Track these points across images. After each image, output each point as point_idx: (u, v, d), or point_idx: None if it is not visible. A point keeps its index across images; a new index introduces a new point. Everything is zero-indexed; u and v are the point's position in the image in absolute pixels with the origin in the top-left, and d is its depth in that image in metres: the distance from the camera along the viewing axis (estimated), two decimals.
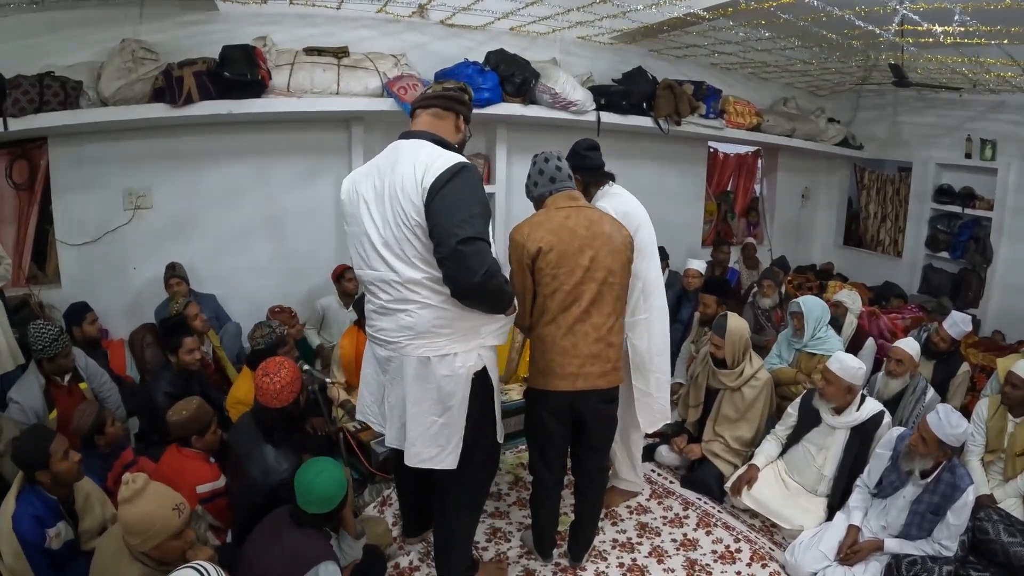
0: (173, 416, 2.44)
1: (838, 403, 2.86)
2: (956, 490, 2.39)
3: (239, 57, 3.53)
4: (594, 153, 2.70)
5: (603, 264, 2.29)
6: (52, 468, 2.02)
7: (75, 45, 3.49)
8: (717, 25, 4.01)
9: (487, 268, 1.85)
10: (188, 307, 3.48)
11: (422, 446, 2.07)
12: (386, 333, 2.08)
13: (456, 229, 1.83)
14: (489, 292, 1.91)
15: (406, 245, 1.95)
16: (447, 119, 2.14)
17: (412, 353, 2.02)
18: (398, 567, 2.64)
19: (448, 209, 1.86)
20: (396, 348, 2.06)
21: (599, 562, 2.70)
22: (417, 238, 1.93)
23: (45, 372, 2.83)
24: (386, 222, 1.97)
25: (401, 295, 2.00)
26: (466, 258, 1.83)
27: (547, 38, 4.67)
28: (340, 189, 2.18)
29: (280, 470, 2.24)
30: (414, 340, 2.02)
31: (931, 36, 3.29)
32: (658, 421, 2.86)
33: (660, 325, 2.78)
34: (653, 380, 2.77)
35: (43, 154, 3.69)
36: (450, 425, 2.07)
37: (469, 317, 2.03)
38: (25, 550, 1.94)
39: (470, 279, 1.84)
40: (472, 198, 1.91)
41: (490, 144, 4.73)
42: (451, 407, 2.05)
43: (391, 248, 1.97)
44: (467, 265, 1.83)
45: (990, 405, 2.97)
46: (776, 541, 2.86)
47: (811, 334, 3.57)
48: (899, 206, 6.27)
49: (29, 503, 2.02)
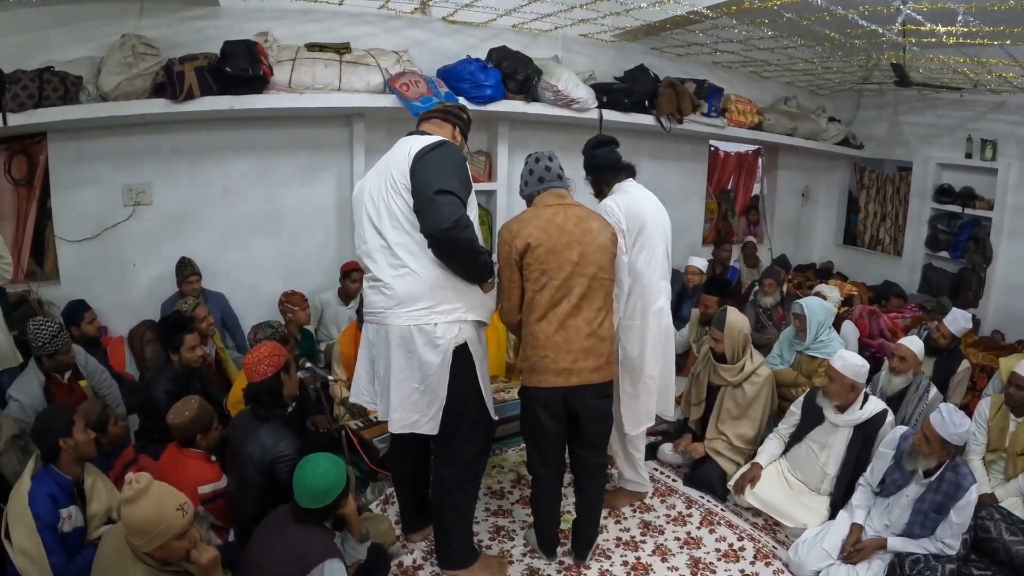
0: (175, 419, 2.42)
1: (842, 401, 2.86)
2: (959, 489, 2.39)
3: (240, 53, 3.51)
4: (601, 150, 2.70)
5: (592, 259, 2.31)
6: (75, 436, 2.10)
7: (75, 40, 3.47)
8: (719, 23, 4.01)
9: (458, 218, 2.03)
10: (197, 309, 3.47)
11: (403, 411, 2.22)
12: (373, 306, 2.25)
13: (433, 183, 2.05)
14: (460, 243, 2.08)
15: (394, 207, 2.16)
16: (445, 128, 2.36)
17: (395, 322, 2.18)
18: (402, 565, 2.63)
19: (428, 169, 2.09)
20: (382, 319, 2.22)
21: (603, 560, 2.70)
22: (402, 198, 2.14)
23: (45, 369, 2.81)
24: (380, 194, 2.21)
25: (386, 261, 2.19)
26: (439, 206, 2.03)
27: (549, 35, 4.66)
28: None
29: (276, 445, 2.27)
30: (395, 308, 2.18)
31: (934, 36, 3.29)
32: (643, 423, 2.87)
33: (656, 330, 2.73)
34: (642, 385, 2.76)
35: (42, 149, 3.66)
36: (428, 393, 2.21)
37: (449, 286, 2.18)
38: (39, 528, 1.97)
39: (440, 225, 2.02)
40: (451, 164, 2.13)
41: (492, 141, 4.72)
42: (430, 375, 2.19)
43: (380, 213, 2.19)
44: (439, 212, 2.03)
45: (992, 404, 2.98)
46: (779, 539, 2.86)
47: (813, 337, 3.55)
48: (899, 205, 6.28)
49: (44, 483, 2.06)
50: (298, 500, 2.02)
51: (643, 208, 2.67)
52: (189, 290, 3.76)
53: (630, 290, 2.64)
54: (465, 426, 2.31)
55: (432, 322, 2.17)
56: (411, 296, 2.16)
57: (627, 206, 2.63)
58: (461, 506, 2.43)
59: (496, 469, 3.37)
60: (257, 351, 2.47)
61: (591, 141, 2.73)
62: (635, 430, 2.86)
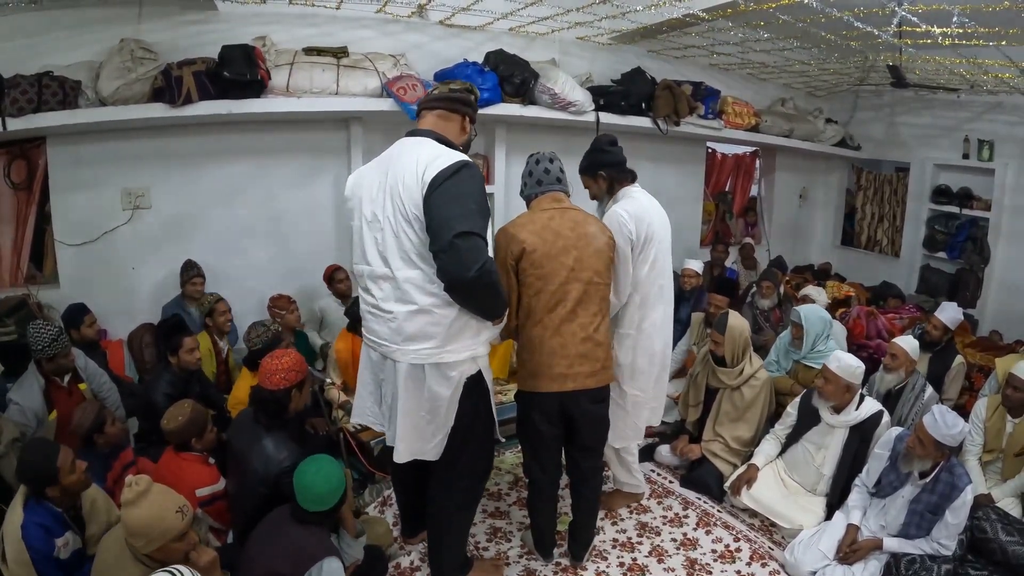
0: (168, 424, 2.41)
1: (837, 402, 2.87)
2: (955, 490, 2.40)
3: (238, 57, 3.53)
4: (616, 148, 2.63)
5: (588, 264, 2.29)
6: (62, 482, 1.99)
7: (74, 45, 3.48)
8: (716, 26, 4.02)
9: (482, 264, 1.85)
10: (218, 303, 3.48)
11: (409, 441, 2.12)
12: (378, 335, 2.10)
13: (453, 223, 1.83)
14: (481, 289, 1.90)
15: (403, 239, 1.95)
16: (453, 120, 2.15)
17: (403, 359, 2.03)
18: (399, 567, 2.64)
19: (447, 203, 1.86)
20: (388, 352, 2.07)
21: (600, 561, 2.70)
22: (415, 232, 1.93)
23: (45, 372, 2.82)
24: (385, 216, 1.98)
25: (392, 294, 2.01)
26: (461, 252, 1.83)
27: (546, 38, 4.67)
28: (340, 189, 2.19)
29: (280, 458, 2.22)
30: (404, 345, 2.02)
31: (929, 37, 3.30)
32: (629, 438, 2.81)
33: (648, 344, 2.64)
34: (630, 399, 2.69)
35: (41, 154, 3.68)
36: (435, 423, 2.11)
37: (461, 323, 2.02)
38: (34, 559, 1.91)
39: (464, 274, 1.84)
40: (471, 195, 1.90)
41: (489, 144, 4.74)
42: (439, 407, 2.08)
43: (388, 243, 1.98)
44: (461, 259, 1.83)
45: (988, 405, 2.98)
46: (776, 540, 2.87)
47: (810, 347, 3.52)
48: (897, 206, 6.29)
49: (36, 513, 1.98)
50: (301, 503, 2.02)
51: (651, 217, 2.57)
52: (193, 292, 3.76)
53: (629, 300, 2.59)
54: (470, 450, 2.22)
55: (444, 360, 2.03)
56: (421, 335, 2.00)
57: (636, 215, 2.51)
58: (459, 525, 2.39)
59: (494, 471, 3.37)
60: (279, 359, 2.35)
61: (603, 139, 2.63)
62: (619, 443, 2.81)
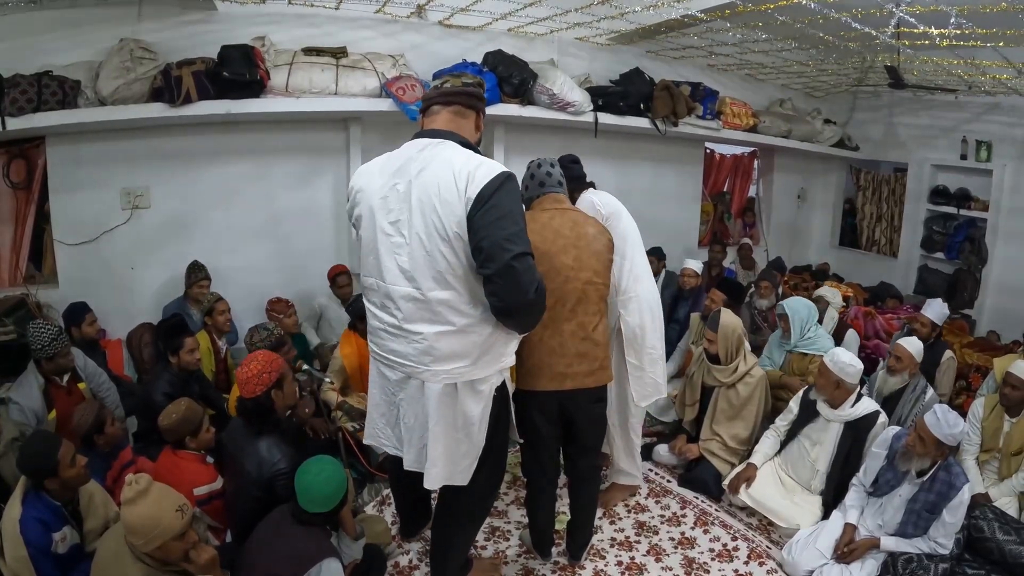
0: (164, 421, 2.42)
1: (827, 396, 2.89)
2: (952, 489, 2.41)
3: (238, 57, 3.53)
4: (576, 166, 2.84)
5: (587, 264, 2.31)
6: (61, 475, 2.01)
7: (73, 44, 3.48)
8: (714, 27, 4.03)
9: (537, 284, 1.81)
10: (218, 303, 3.48)
11: (443, 466, 1.98)
12: (400, 355, 1.96)
13: (508, 244, 1.75)
14: (538, 309, 1.87)
15: (439, 259, 1.81)
16: (469, 118, 2.01)
17: (433, 380, 1.91)
18: (398, 566, 2.65)
19: (497, 222, 1.75)
20: (413, 372, 1.94)
21: (597, 560, 2.71)
22: (453, 252, 1.81)
23: (44, 372, 2.82)
24: (414, 233, 1.83)
25: (419, 315, 1.88)
26: (519, 275, 1.76)
27: (545, 39, 4.68)
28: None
29: (273, 461, 2.20)
30: (434, 366, 1.90)
31: (927, 38, 3.32)
32: (651, 395, 2.89)
33: (649, 304, 2.80)
34: (646, 356, 2.80)
35: (41, 153, 3.68)
36: (469, 442, 2.01)
37: (493, 339, 1.95)
38: (32, 554, 1.92)
39: (522, 297, 1.78)
40: (519, 211, 1.83)
41: (488, 145, 4.73)
42: (472, 426, 1.99)
43: (417, 262, 1.83)
44: (519, 282, 1.76)
45: (986, 404, 2.99)
46: (773, 539, 2.88)
47: (799, 334, 3.60)
48: (895, 207, 6.30)
49: (34, 507, 1.99)
50: (302, 504, 2.03)
51: (614, 203, 2.79)
52: (198, 294, 3.74)
53: (621, 269, 2.70)
54: (489, 464, 2.12)
55: (477, 377, 1.95)
56: (455, 355, 1.90)
57: (600, 197, 2.77)
58: (469, 537, 2.40)
59: None
60: (248, 367, 2.28)
61: (566, 157, 2.83)
62: (644, 401, 2.89)
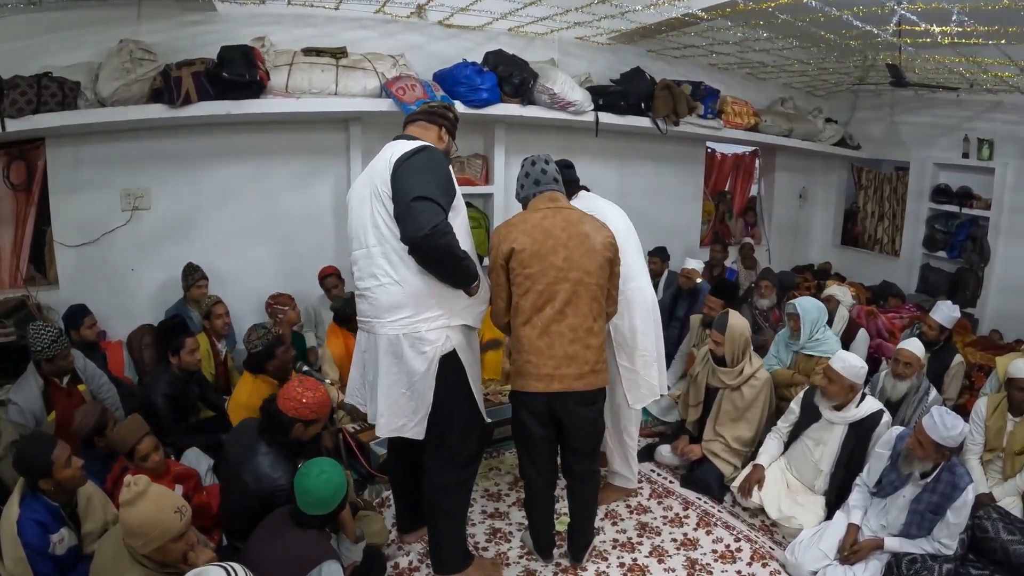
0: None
1: (840, 401, 2.87)
2: (956, 489, 2.39)
3: (237, 58, 3.53)
4: (569, 171, 2.87)
5: (578, 264, 2.28)
6: (55, 476, 2.01)
7: (73, 45, 3.48)
8: (715, 25, 4.02)
9: (435, 224, 2.01)
10: (216, 305, 3.48)
11: (390, 416, 2.25)
12: (363, 314, 2.30)
13: (412, 190, 2.05)
14: (438, 249, 2.05)
15: (376, 216, 2.17)
16: (431, 130, 2.36)
17: (382, 331, 2.21)
18: (397, 567, 2.63)
19: (408, 176, 2.09)
20: (370, 327, 2.26)
21: (600, 562, 2.70)
22: (383, 206, 2.15)
23: (44, 374, 2.82)
24: (361, 199, 2.23)
25: (368, 270, 2.21)
26: (416, 213, 2.02)
27: (545, 38, 4.67)
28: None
29: (274, 477, 2.20)
30: (381, 317, 2.20)
31: (929, 36, 3.30)
32: (646, 398, 2.88)
33: (639, 304, 2.79)
34: (639, 358, 2.79)
35: (41, 155, 3.68)
36: (415, 399, 2.24)
37: (432, 294, 2.18)
38: (29, 555, 1.93)
39: (417, 233, 2.01)
40: (431, 170, 2.11)
41: (488, 144, 4.74)
42: (416, 382, 2.22)
43: (365, 223, 2.20)
44: (416, 219, 2.02)
45: (989, 404, 2.97)
46: (776, 540, 2.87)
47: (808, 335, 3.55)
48: (896, 205, 6.29)
49: (32, 509, 2.00)
50: (302, 507, 2.02)
51: (603, 204, 2.82)
52: (198, 296, 3.75)
53: None
54: (455, 431, 2.31)
55: (417, 330, 2.18)
56: (394, 305, 2.18)
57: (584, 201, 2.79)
58: (453, 511, 2.42)
59: (493, 471, 3.38)
60: (305, 390, 2.28)
61: (562, 162, 2.84)
62: (639, 404, 2.89)
